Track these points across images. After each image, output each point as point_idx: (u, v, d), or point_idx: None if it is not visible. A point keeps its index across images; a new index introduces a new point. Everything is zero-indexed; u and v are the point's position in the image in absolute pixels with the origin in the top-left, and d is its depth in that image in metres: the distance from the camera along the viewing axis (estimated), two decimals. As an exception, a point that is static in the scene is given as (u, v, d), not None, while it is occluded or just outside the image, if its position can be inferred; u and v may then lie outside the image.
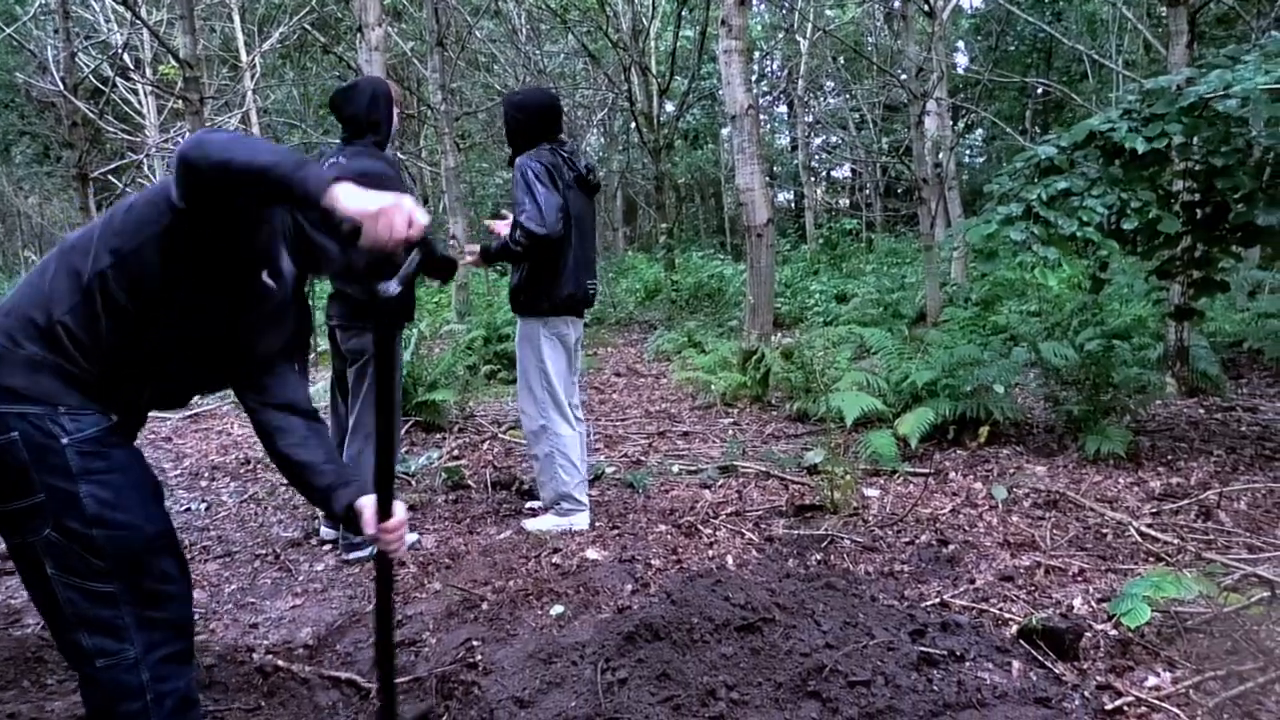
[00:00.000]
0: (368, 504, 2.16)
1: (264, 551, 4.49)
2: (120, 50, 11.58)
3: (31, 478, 1.93)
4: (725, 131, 26.74)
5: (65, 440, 1.95)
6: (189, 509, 5.22)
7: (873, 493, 4.88)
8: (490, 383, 8.40)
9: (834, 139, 25.25)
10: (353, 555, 4.27)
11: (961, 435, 5.77)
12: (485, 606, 3.63)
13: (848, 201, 28.08)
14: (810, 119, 22.71)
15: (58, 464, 1.94)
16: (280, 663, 3.26)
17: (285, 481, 5.54)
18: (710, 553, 4.07)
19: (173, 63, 9.72)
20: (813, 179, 24.06)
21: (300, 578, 4.16)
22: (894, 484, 5.04)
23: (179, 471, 6.04)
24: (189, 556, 4.46)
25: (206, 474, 5.95)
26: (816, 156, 25.14)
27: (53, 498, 1.94)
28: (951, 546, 4.01)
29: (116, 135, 14.05)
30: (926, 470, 5.26)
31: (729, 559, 3.97)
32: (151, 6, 13.43)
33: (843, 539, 4.16)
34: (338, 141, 4.22)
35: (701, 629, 2.98)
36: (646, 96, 15.85)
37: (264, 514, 5.09)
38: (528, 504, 4.93)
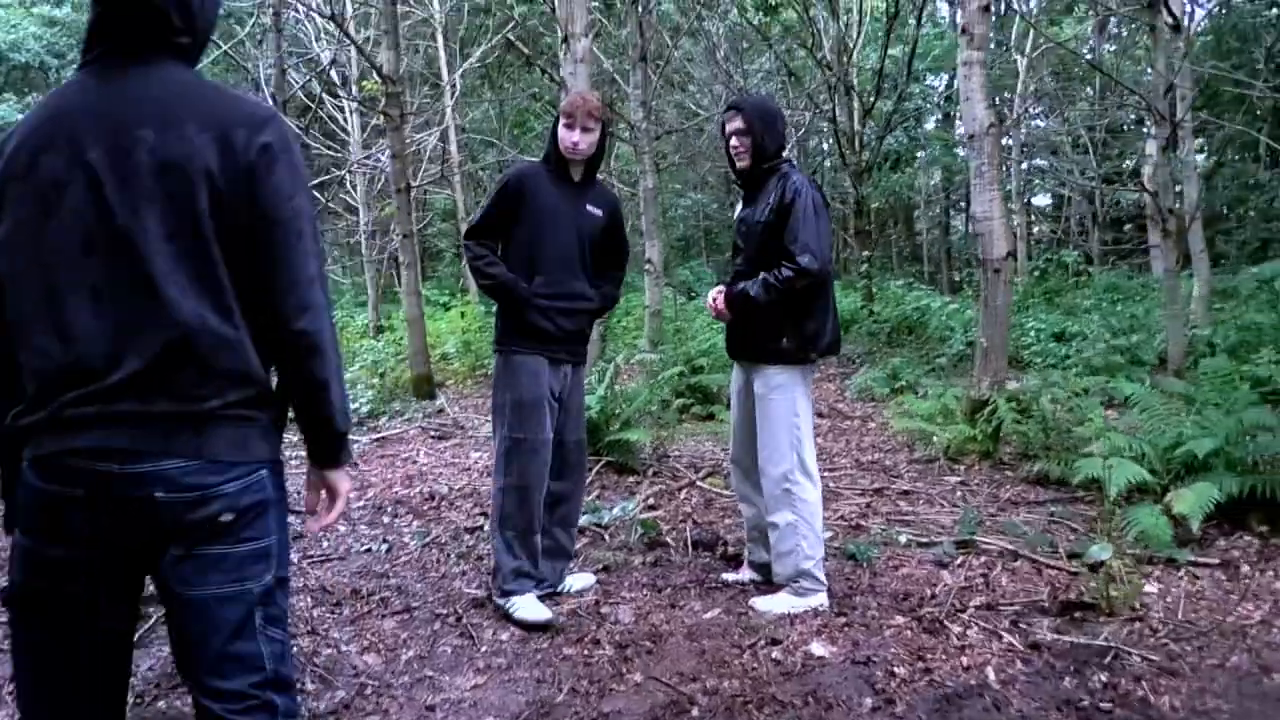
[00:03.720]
0: None
1: (444, 611, 4.04)
2: (327, 67, 11.74)
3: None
4: (921, 155, 25.48)
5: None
6: (369, 549, 4.88)
7: (1150, 589, 4.03)
8: (683, 418, 7.84)
9: (1040, 162, 23.57)
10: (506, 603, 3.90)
11: (1246, 516, 4.82)
12: (695, 713, 3.05)
13: (1054, 231, 26.24)
14: (1021, 141, 21.20)
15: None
16: (460, 766, 2.78)
17: (469, 526, 5.19)
18: (964, 660, 3.35)
19: (376, 79, 9.71)
20: (1025, 207, 22.50)
21: (483, 648, 3.68)
22: (1176, 578, 4.18)
23: (362, 503, 5.74)
24: (368, 608, 4.10)
25: (390, 508, 5.63)
26: (1029, 181, 23.49)
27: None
28: (1278, 677, 3.17)
29: (323, 153, 14.36)
30: (1212, 560, 4.36)
31: (989, 671, 3.26)
32: (360, 25, 13.64)
33: (1130, 654, 3.36)
34: (529, 159, 3.92)
35: (986, 793, 2.30)
36: (849, 116, 15.11)
37: (447, 562, 4.67)
38: (725, 575, 4.34)
